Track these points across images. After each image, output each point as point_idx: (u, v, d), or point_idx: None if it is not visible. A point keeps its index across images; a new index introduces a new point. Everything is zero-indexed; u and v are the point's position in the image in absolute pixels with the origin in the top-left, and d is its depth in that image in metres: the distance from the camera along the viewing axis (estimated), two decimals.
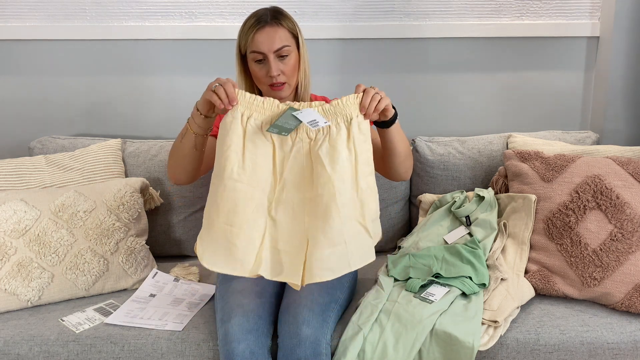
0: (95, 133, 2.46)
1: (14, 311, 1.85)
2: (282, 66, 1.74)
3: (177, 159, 1.75)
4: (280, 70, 1.73)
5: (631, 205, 1.82)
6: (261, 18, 1.73)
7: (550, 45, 2.39)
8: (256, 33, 1.72)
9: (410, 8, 2.34)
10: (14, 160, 2.12)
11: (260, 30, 1.72)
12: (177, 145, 1.73)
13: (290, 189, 1.56)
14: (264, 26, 1.72)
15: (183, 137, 1.70)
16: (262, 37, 1.71)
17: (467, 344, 1.57)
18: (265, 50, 1.72)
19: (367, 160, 1.59)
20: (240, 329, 1.58)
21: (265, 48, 1.72)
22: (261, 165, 1.55)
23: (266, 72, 1.74)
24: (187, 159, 1.72)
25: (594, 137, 2.27)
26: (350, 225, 1.54)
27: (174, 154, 1.76)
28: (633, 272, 1.76)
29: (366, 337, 1.62)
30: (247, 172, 1.53)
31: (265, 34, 1.71)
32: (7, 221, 1.87)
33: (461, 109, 2.47)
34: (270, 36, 1.72)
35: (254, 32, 1.72)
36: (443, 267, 1.83)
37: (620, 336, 1.66)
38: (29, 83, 2.44)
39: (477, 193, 2.07)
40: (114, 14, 2.35)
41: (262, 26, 1.72)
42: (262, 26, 1.72)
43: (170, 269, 2.07)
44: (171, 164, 1.78)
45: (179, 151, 1.72)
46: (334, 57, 2.40)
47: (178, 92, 2.44)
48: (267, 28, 1.72)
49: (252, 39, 1.72)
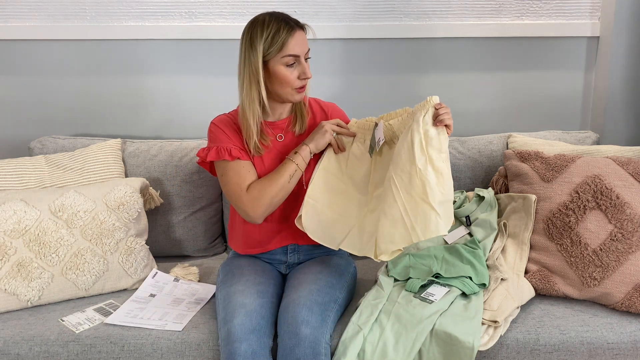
0: (95, 133, 2.46)
1: (14, 311, 1.85)
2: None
3: (280, 198, 1.79)
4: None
5: (631, 205, 1.82)
6: (289, 22, 1.74)
7: (550, 45, 2.39)
8: (290, 37, 1.72)
9: (410, 8, 2.34)
10: (14, 160, 2.12)
11: (293, 33, 1.73)
12: (285, 186, 1.78)
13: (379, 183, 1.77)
14: (295, 30, 1.73)
15: (292, 177, 1.78)
16: (297, 40, 1.73)
17: (467, 344, 1.57)
18: (300, 52, 1.74)
19: (426, 145, 1.65)
20: (242, 329, 1.58)
21: (300, 50, 1.74)
22: (358, 170, 1.85)
23: (298, 75, 1.76)
24: (287, 195, 1.81)
25: (594, 137, 2.27)
26: (409, 201, 1.61)
27: (276, 196, 1.77)
28: (633, 272, 1.76)
29: (366, 337, 1.62)
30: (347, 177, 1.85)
31: (298, 37, 1.73)
32: (7, 221, 1.87)
33: (461, 109, 2.46)
34: (303, 39, 1.75)
35: (287, 36, 1.72)
36: (443, 267, 1.83)
37: (620, 336, 1.66)
38: (29, 83, 2.44)
39: (477, 193, 2.07)
40: (114, 14, 2.35)
41: (294, 30, 1.73)
42: (294, 30, 1.73)
43: (170, 269, 2.07)
44: (269, 204, 1.78)
45: (284, 191, 1.79)
46: (334, 57, 2.40)
47: (178, 92, 2.44)
48: (298, 31, 1.74)
49: (287, 43, 1.72)
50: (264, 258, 1.93)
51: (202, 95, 2.43)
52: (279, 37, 1.71)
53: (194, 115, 2.45)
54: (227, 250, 2.32)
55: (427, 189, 1.59)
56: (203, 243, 2.25)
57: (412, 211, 1.60)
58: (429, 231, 1.58)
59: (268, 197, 1.76)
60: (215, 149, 1.81)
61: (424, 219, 1.59)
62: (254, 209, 1.77)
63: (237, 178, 1.80)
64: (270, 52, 1.72)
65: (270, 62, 1.74)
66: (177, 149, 2.23)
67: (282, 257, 1.92)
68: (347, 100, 2.24)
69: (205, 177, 2.21)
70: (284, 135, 1.87)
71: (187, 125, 2.46)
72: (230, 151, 1.80)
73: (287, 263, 1.93)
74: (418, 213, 1.59)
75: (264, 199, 1.76)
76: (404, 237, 1.60)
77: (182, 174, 2.20)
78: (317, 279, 1.76)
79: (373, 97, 2.44)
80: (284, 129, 1.87)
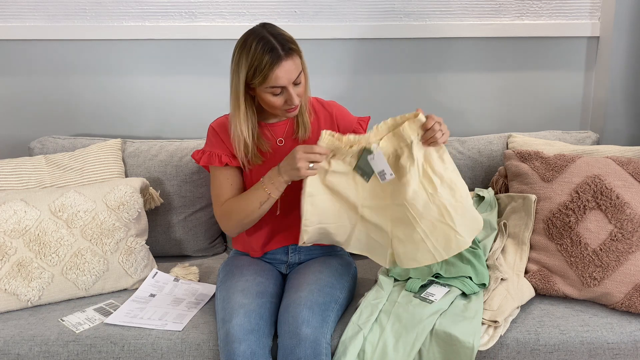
0: (95, 133, 2.46)
1: (14, 311, 1.85)
2: (297, 90, 1.70)
3: (250, 221, 1.78)
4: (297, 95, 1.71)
5: (631, 205, 1.82)
6: (275, 52, 1.63)
7: (550, 45, 2.39)
8: (274, 70, 1.63)
9: (410, 8, 2.34)
10: (14, 160, 2.12)
11: (278, 66, 1.63)
12: (254, 212, 1.74)
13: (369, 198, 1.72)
14: (280, 61, 1.63)
15: (263, 204, 1.73)
16: (282, 72, 1.64)
17: (467, 344, 1.57)
18: (286, 82, 1.66)
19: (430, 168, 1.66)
20: (241, 329, 1.58)
21: (285, 81, 1.65)
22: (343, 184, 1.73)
23: (284, 101, 1.69)
24: (258, 218, 1.78)
25: (594, 137, 2.27)
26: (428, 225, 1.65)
27: (245, 218, 1.76)
28: (633, 272, 1.76)
29: (366, 337, 1.62)
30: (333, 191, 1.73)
31: (283, 69, 1.64)
32: (7, 221, 1.87)
33: (461, 109, 2.46)
34: (288, 70, 1.65)
35: (272, 69, 1.63)
36: (443, 267, 1.83)
37: (620, 336, 1.66)
38: (29, 83, 2.43)
39: (477, 193, 2.07)
40: (114, 14, 2.35)
41: (278, 61, 1.63)
42: (279, 62, 1.63)
43: (170, 269, 2.07)
44: (237, 224, 1.79)
45: (254, 216, 1.76)
46: (334, 57, 2.39)
47: (178, 92, 2.44)
48: (284, 62, 1.63)
49: (271, 77, 1.64)
50: (264, 258, 1.93)
51: (202, 95, 2.43)
52: (262, 69, 1.63)
53: (194, 115, 2.45)
54: (227, 250, 2.32)
55: (444, 212, 1.64)
56: (203, 243, 2.25)
57: (432, 234, 1.65)
58: (451, 250, 1.66)
59: (236, 220, 1.78)
60: (208, 154, 1.83)
61: (444, 239, 1.65)
62: (223, 224, 1.83)
63: (218, 189, 1.83)
64: (254, 82, 1.66)
65: (255, 89, 1.69)
66: (177, 149, 2.23)
67: (282, 257, 1.92)
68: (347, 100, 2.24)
69: (205, 177, 2.21)
70: (286, 140, 1.84)
71: (187, 125, 2.46)
72: (220, 157, 1.81)
73: (287, 263, 1.93)
74: (438, 235, 1.65)
75: (232, 220, 1.79)
76: (426, 257, 1.67)
77: (182, 174, 2.20)
78: (318, 279, 1.76)
79: (373, 97, 2.44)
80: (284, 132, 1.85)
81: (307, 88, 1.78)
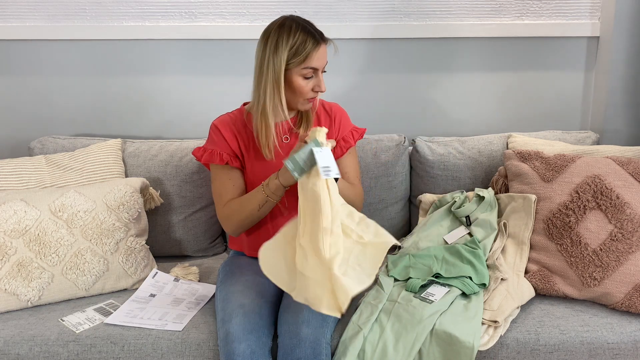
0: (95, 133, 2.46)
1: (14, 311, 1.85)
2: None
3: (251, 222, 1.81)
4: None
5: (631, 205, 1.82)
6: (317, 35, 1.74)
7: (550, 45, 2.39)
8: (315, 50, 1.73)
9: (411, 8, 2.34)
10: (14, 160, 2.12)
11: (318, 48, 1.73)
12: (253, 214, 1.78)
13: (306, 219, 1.58)
14: (320, 44, 1.74)
15: (262, 207, 1.76)
16: (320, 54, 1.74)
17: (467, 344, 1.57)
18: (320, 66, 1.75)
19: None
20: (241, 329, 1.58)
21: (320, 64, 1.75)
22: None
23: (312, 87, 1.76)
24: (258, 220, 1.82)
25: (594, 137, 2.27)
26: (350, 249, 1.56)
27: (246, 219, 1.80)
28: (633, 272, 1.76)
29: (366, 337, 1.62)
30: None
31: (322, 51, 1.75)
32: (7, 221, 1.87)
33: (461, 109, 2.46)
34: (324, 53, 1.76)
35: (312, 49, 1.72)
36: (443, 267, 1.83)
37: (620, 336, 1.66)
38: (29, 83, 2.44)
39: (477, 193, 2.07)
40: (114, 14, 2.35)
41: (319, 44, 1.73)
42: (319, 44, 1.74)
43: (170, 269, 2.07)
44: (238, 225, 1.82)
45: (253, 217, 1.79)
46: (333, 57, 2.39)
47: (178, 91, 2.44)
48: (322, 46, 1.75)
49: (310, 56, 1.72)
50: None
51: (202, 95, 2.43)
52: (305, 49, 1.72)
53: (194, 115, 2.45)
54: (227, 250, 2.32)
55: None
56: (203, 243, 2.25)
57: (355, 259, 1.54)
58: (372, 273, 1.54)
59: (236, 220, 1.81)
60: (210, 152, 1.83)
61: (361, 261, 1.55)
62: (225, 225, 1.85)
63: (221, 188, 1.85)
64: (293, 61, 1.72)
65: (289, 71, 1.74)
66: (177, 149, 2.23)
67: None
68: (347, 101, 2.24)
69: (206, 177, 2.21)
70: (290, 136, 1.86)
71: (187, 125, 2.46)
72: (222, 156, 1.81)
73: None
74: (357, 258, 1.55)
75: (233, 220, 1.82)
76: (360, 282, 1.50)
77: (182, 174, 2.20)
78: None
79: (372, 97, 2.44)
80: (289, 130, 1.86)
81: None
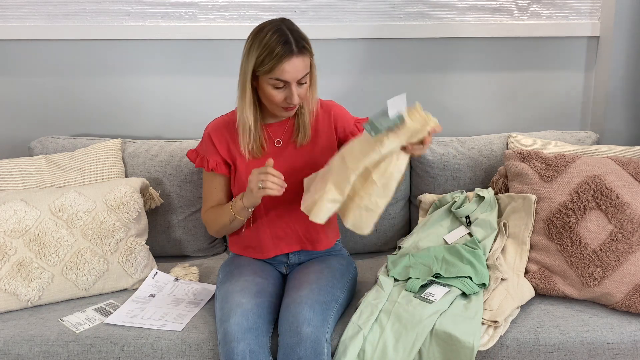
0: (95, 133, 2.46)
1: (14, 311, 1.85)
2: (299, 91, 1.70)
3: (226, 232, 1.90)
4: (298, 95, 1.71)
5: (631, 205, 1.82)
6: (288, 46, 1.64)
7: (550, 45, 2.39)
8: (284, 63, 1.64)
9: (411, 8, 2.34)
10: (14, 160, 2.12)
11: (288, 60, 1.64)
12: (226, 226, 1.84)
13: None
14: (291, 56, 1.64)
15: (232, 222, 1.81)
16: (290, 67, 1.64)
17: (467, 344, 1.57)
18: (290, 79, 1.66)
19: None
20: (239, 328, 1.58)
21: (290, 77, 1.66)
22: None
23: (284, 98, 1.69)
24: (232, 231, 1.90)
25: (594, 137, 2.27)
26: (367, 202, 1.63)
27: (221, 230, 1.87)
28: (633, 272, 1.76)
29: (366, 337, 1.62)
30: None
31: (292, 64, 1.64)
32: (7, 221, 1.87)
33: (461, 109, 2.46)
34: (296, 66, 1.65)
35: (281, 61, 1.64)
36: (443, 267, 1.83)
37: (620, 336, 1.66)
38: (29, 83, 2.43)
39: (477, 193, 2.07)
40: (114, 14, 2.35)
41: (290, 56, 1.64)
42: (290, 56, 1.64)
43: (170, 269, 2.07)
44: (215, 232, 1.90)
45: (227, 229, 1.85)
46: (333, 58, 2.39)
47: (178, 92, 2.44)
48: (294, 58, 1.64)
49: (278, 68, 1.64)
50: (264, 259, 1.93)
51: (202, 95, 2.43)
52: (271, 60, 1.64)
53: (194, 115, 2.44)
54: (227, 250, 2.31)
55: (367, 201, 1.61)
56: (203, 243, 2.25)
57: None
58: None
59: (213, 229, 1.89)
60: (200, 158, 1.87)
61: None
62: (207, 228, 1.92)
63: (207, 193, 1.91)
64: (259, 70, 1.67)
65: (260, 78, 1.70)
66: (177, 149, 2.23)
67: (282, 258, 1.92)
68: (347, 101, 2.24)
69: None
70: (284, 142, 1.84)
71: (187, 125, 2.46)
72: (208, 163, 1.84)
73: (287, 263, 1.93)
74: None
75: (210, 227, 1.90)
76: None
77: (182, 174, 2.20)
78: (319, 279, 1.76)
79: (372, 97, 2.44)
80: (283, 134, 1.85)
81: (313, 92, 1.78)
